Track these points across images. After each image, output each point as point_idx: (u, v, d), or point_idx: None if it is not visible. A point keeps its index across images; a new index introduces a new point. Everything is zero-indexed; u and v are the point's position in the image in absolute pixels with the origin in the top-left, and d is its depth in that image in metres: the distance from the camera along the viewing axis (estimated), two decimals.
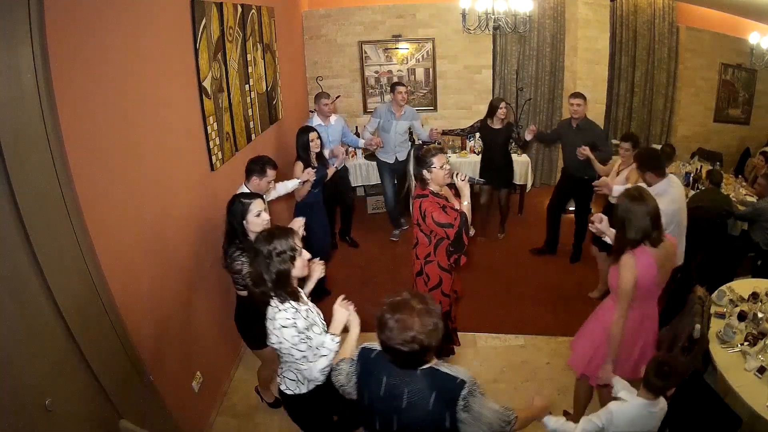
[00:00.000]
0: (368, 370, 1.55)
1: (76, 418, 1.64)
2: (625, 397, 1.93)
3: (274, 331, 1.74)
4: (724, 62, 5.92)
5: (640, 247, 2.05)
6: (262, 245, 1.74)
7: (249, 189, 2.69)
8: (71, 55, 1.68)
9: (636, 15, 5.73)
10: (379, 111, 4.50)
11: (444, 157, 2.55)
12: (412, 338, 1.35)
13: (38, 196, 1.52)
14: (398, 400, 1.46)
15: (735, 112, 6.15)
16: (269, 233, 1.79)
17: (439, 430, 1.44)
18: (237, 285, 2.40)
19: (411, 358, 1.39)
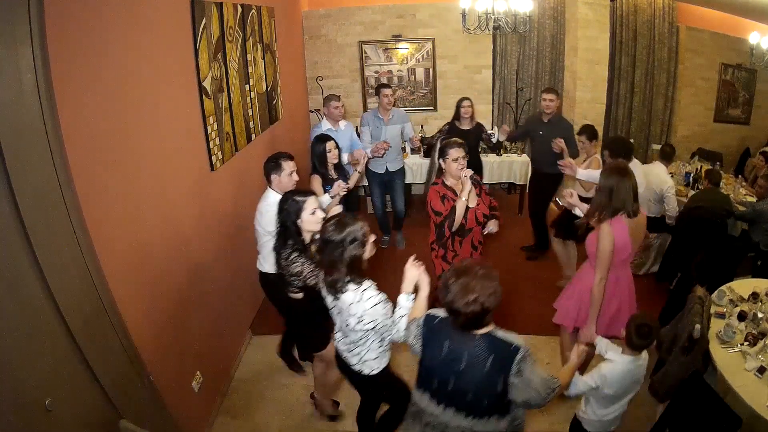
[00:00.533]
0: (432, 334, 1.69)
1: (76, 418, 1.64)
2: (612, 357, 2.08)
3: (366, 313, 1.83)
4: (724, 62, 5.92)
5: (616, 217, 2.30)
6: (334, 235, 1.83)
7: (276, 190, 2.60)
8: (71, 55, 1.68)
9: (636, 15, 5.73)
10: (366, 118, 4.15)
11: (460, 151, 2.67)
12: (473, 300, 1.49)
13: (38, 196, 1.52)
14: (457, 363, 1.60)
15: (735, 112, 6.15)
16: (340, 222, 1.87)
17: (491, 393, 1.58)
18: (291, 287, 2.28)
19: (472, 319, 1.53)
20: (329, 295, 1.97)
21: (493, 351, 1.56)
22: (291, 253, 2.19)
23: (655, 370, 2.65)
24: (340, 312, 1.96)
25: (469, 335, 1.59)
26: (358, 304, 1.84)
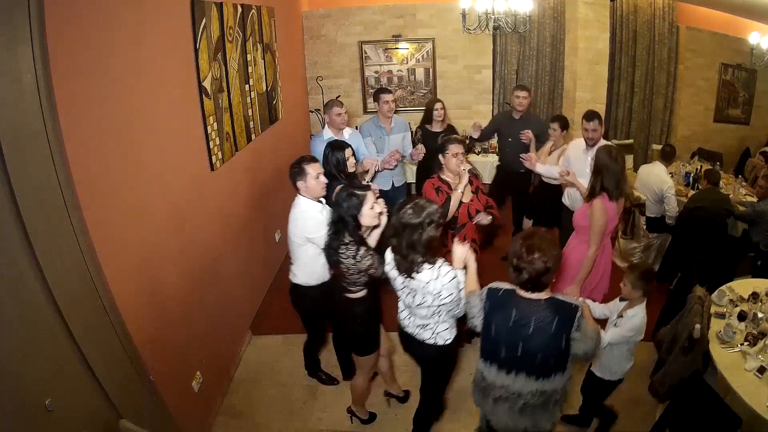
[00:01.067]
0: (497, 306, 1.81)
1: (76, 418, 1.64)
2: (635, 311, 2.26)
3: (444, 288, 1.94)
4: (724, 62, 5.93)
5: (604, 196, 2.54)
6: (413, 218, 1.91)
7: (306, 196, 2.48)
8: (71, 55, 1.68)
9: (636, 15, 5.73)
10: (366, 129, 3.71)
11: (460, 147, 2.76)
12: (538, 258, 1.66)
13: (38, 196, 1.52)
14: (526, 329, 1.74)
15: (735, 112, 6.15)
16: (417, 205, 1.94)
17: (557, 352, 1.75)
18: (355, 286, 2.23)
19: (536, 277, 1.69)
20: (400, 276, 2.05)
21: (557, 312, 1.73)
22: (358, 248, 2.14)
23: (655, 370, 2.65)
24: (413, 292, 2.04)
25: (534, 301, 1.76)
26: (436, 281, 1.95)
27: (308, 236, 2.45)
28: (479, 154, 5.35)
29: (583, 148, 3.39)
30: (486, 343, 1.88)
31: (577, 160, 3.38)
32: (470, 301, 1.92)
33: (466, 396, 2.90)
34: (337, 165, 2.85)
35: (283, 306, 3.51)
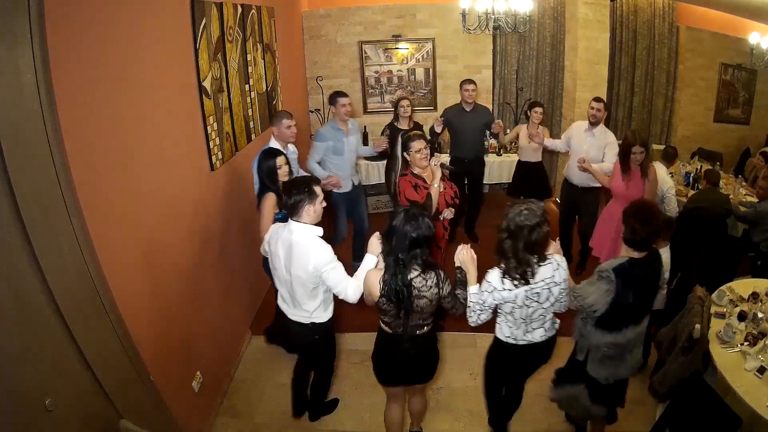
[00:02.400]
0: (628, 277, 2.05)
1: (76, 418, 1.64)
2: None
3: (563, 275, 2.05)
4: (724, 62, 5.92)
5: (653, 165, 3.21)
6: (529, 218, 1.90)
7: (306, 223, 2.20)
8: (71, 55, 1.68)
9: (636, 15, 5.73)
10: (324, 134, 3.63)
11: (422, 143, 2.84)
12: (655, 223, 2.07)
13: (38, 196, 1.52)
14: (653, 282, 2.17)
15: (735, 112, 6.15)
16: (530, 209, 1.92)
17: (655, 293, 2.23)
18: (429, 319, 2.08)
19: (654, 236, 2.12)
20: (517, 289, 1.98)
21: (657, 260, 2.17)
22: (437, 272, 1.97)
23: (655, 370, 2.65)
24: (536, 296, 2.02)
25: (649, 255, 2.10)
26: (557, 272, 2.02)
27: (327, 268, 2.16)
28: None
29: (585, 128, 3.76)
30: (618, 314, 2.09)
31: (578, 139, 3.80)
32: (599, 285, 2.07)
33: (467, 396, 2.91)
34: (269, 172, 2.73)
35: None
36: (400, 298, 1.93)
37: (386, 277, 1.94)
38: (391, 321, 2.05)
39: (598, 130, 3.70)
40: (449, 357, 3.22)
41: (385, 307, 1.99)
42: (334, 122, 3.69)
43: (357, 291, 2.15)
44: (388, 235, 1.95)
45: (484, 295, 2.02)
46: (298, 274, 2.19)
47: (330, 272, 2.15)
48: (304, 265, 2.15)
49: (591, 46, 5.01)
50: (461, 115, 4.31)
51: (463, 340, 3.32)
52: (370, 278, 2.00)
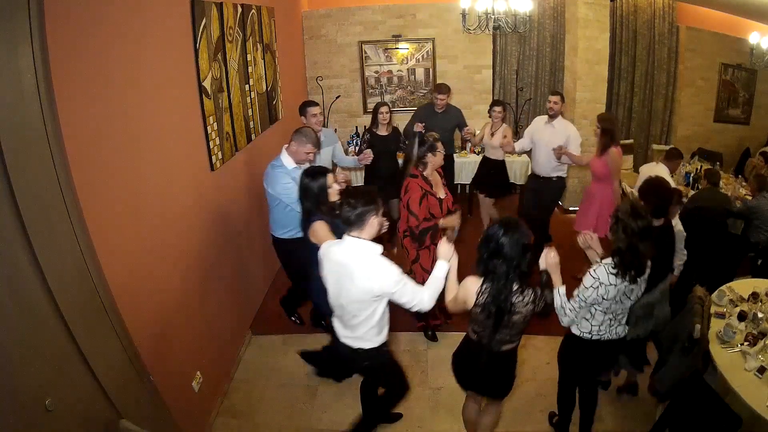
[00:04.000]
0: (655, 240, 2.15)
1: (76, 418, 1.64)
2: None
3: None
4: (724, 62, 5.92)
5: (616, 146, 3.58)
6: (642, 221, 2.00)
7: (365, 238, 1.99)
8: (71, 55, 1.68)
9: (636, 15, 5.73)
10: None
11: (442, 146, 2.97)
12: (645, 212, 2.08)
13: (38, 196, 1.52)
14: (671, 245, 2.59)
15: (735, 112, 6.15)
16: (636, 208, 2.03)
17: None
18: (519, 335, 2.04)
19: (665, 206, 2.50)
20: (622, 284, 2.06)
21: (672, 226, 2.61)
22: (533, 289, 1.93)
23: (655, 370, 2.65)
24: (629, 292, 2.13)
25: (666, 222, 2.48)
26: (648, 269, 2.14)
27: (398, 288, 1.96)
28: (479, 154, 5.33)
29: (545, 120, 4.05)
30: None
31: (540, 132, 4.07)
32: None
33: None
34: (319, 194, 2.44)
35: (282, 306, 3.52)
36: (500, 311, 1.89)
37: (488, 288, 1.89)
38: (480, 330, 2.02)
39: (558, 122, 3.98)
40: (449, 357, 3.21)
41: (479, 316, 1.96)
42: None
43: (432, 300, 2.06)
44: (487, 244, 1.89)
45: (589, 291, 2.07)
46: (357, 297, 1.99)
47: (402, 290, 1.97)
48: (366, 289, 1.95)
49: (591, 46, 5.01)
50: (433, 116, 4.35)
51: None
52: (469, 286, 1.95)
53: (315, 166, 2.68)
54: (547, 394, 2.92)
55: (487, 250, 1.89)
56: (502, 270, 1.87)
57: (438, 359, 3.19)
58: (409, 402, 2.87)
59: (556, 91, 4.18)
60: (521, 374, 3.06)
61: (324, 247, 2.10)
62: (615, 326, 2.21)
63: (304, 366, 3.18)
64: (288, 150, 2.92)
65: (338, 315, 2.17)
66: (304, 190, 2.45)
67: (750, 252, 3.72)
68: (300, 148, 2.88)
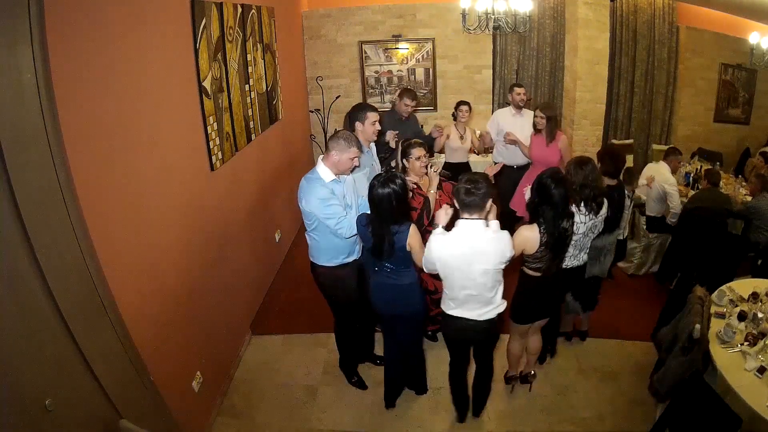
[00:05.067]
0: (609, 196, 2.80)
1: (76, 418, 1.64)
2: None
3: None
4: (724, 62, 5.92)
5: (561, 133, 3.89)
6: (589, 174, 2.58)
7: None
8: (71, 55, 1.68)
9: (636, 15, 5.73)
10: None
11: (421, 150, 2.87)
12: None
13: (38, 196, 1.52)
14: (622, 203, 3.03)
15: (735, 112, 6.15)
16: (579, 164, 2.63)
17: None
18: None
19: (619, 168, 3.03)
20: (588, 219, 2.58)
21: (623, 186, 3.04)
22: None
23: (655, 370, 2.65)
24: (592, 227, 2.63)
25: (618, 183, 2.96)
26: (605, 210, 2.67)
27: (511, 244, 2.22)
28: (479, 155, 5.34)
29: (513, 113, 4.22)
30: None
31: (509, 123, 4.17)
32: None
33: None
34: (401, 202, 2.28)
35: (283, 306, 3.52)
36: (560, 243, 2.34)
37: (547, 229, 2.30)
38: (543, 264, 2.39)
39: (525, 112, 4.19)
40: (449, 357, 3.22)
41: (540, 254, 2.34)
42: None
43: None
44: (540, 193, 2.31)
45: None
46: (494, 267, 2.18)
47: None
48: (502, 256, 2.17)
49: (591, 46, 5.01)
50: (399, 124, 4.02)
51: None
52: (528, 234, 2.34)
53: (381, 173, 2.37)
54: (548, 394, 2.92)
55: (540, 197, 2.32)
56: (549, 215, 2.29)
57: (438, 359, 3.18)
58: (409, 402, 2.88)
59: (520, 83, 4.34)
60: None
61: (437, 245, 2.18)
62: (579, 254, 2.70)
63: (304, 366, 3.18)
64: (327, 161, 2.48)
65: (472, 298, 2.25)
66: (379, 201, 2.22)
67: (750, 252, 3.72)
68: (343, 155, 2.45)
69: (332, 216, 2.41)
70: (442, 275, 2.26)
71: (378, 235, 2.27)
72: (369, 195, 2.26)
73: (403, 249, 2.28)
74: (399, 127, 3.97)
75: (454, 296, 2.27)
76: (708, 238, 3.57)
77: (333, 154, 2.46)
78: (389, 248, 2.26)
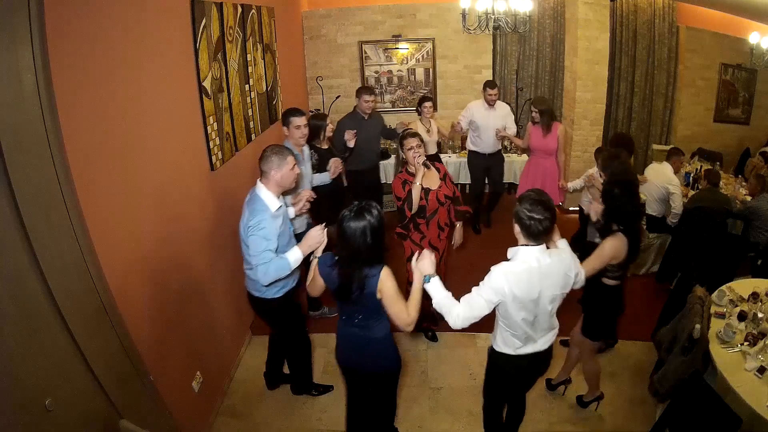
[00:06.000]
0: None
1: (76, 418, 1.64)
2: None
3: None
4: (724, 62, 5.92)
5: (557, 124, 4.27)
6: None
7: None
8: (71, 55, 1.68)
9: (636, 15, 5.73)
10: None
11: (414, 140, 2.88)
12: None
13: (38, 196, 1.52)
14: None
15: (735, 112, 6.15)
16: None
17: None
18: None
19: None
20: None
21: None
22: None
23: (655, 370, 2.65)
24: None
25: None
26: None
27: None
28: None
29: (485, 107, 4.49)
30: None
31: (483, 117, 4.48)
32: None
33: (467, 396, 2.91)
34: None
35: None
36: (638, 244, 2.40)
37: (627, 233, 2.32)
38: (622, 272, 2.43)
39: (497, 105, 4.51)
40: (449, 357, 3.22)
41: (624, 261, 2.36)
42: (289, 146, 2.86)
43: None
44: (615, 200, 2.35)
45: None
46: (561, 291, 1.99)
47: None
48: (571, 278, 1.99)
49: (591, 46, 5.01)
50: (361, 123, 4.02)
51: (463, 340, 3.32)
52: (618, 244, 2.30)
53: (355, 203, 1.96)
54: (548, 394, 2.92)
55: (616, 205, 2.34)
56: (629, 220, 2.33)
57: (438, 359, 3.19)
58: (409, 402, 2.88)
59: (494, 84, 4.52)
60: None
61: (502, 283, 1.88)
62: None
63: None
64: (269, 183, 2.31)
65: (539, 329, 2.03)
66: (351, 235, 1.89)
67: (750, 252, 3.72)
68: (282, 169, 2.30)
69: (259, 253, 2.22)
70: (502, 314, 1.98)
71: (346, 275, 1.92)
72: (338, 227, 1.91)
73: (374, 296, 1.92)
74: (360, 126, 3.96)
75: (521, 333, 2.00)
76: (708, 239, 3.57)
77: (272, 173, 2.29)
78: (358, 291, 1.92)
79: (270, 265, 2.22)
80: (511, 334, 2.02)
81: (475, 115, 4.51)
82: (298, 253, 2.27)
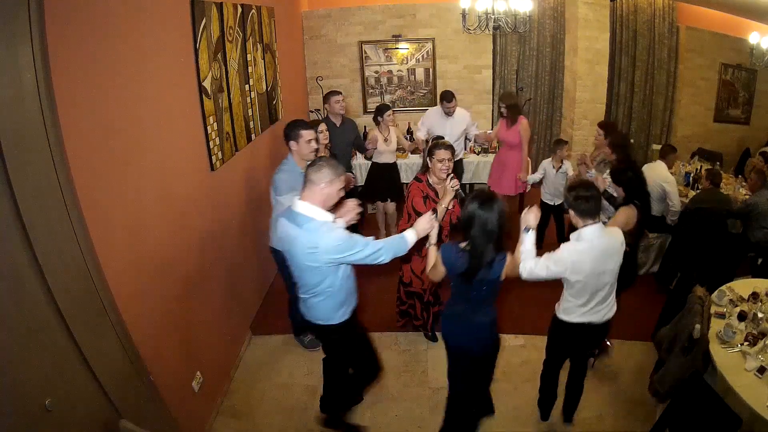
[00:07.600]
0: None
1: (76, 418, 1.64)
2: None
3: None
4: (724, 62, 5.92)
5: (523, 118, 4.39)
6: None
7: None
8: (71, 55, 1.68)
9: (636, 15, 5.73)
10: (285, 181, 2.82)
11: (447, 153, 2.77)
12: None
13: (38, 196, 1.52)
14: None
15: (735, 112, 6.15)
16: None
17: None
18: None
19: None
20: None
21: None
22: None
23: (655, 370, 2.65)
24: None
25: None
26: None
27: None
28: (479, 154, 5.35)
29: (442, 115, 4.54)
30: None
31: (439, 125, 4.50)
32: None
33: None
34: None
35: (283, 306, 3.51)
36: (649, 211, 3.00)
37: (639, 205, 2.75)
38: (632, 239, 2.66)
39: (456, 114, 4.51)
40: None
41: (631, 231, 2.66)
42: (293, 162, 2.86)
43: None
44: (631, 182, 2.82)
45: None
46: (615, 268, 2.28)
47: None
48: (621, 252, 2.28)
49: (591, 46, 5.01)
50: (333, 129, 3.97)
51: None
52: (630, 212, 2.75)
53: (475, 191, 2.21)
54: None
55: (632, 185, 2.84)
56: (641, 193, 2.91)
57: (438, 359, 3.18)
58: (409, 402, 2.88)
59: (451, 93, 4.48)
60: (521, 374, 3.07)
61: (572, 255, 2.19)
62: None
63: (304, 366, 3.18)
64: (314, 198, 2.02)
65: (602, 300, 2.31)
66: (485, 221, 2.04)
67: (750, 252, 3.72)
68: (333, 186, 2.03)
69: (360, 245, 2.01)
70: (570, 284, 2.25)
71: (479, 255, 2.06)
72: (469, 212, 2.06)
73: (495, 282, 2.16)
74: (331, 134, 3.78)
75: (585, 303, 2.29)
76: (708, 238, 3.56)
77: (321, 186, 1.99)
78: (486, 272, 2.10)
79: (385, 250, 2.08)
80: (574, 303, 2.30)
81: (432, 123, 4.55)
82: (414, 235, 2.23)
